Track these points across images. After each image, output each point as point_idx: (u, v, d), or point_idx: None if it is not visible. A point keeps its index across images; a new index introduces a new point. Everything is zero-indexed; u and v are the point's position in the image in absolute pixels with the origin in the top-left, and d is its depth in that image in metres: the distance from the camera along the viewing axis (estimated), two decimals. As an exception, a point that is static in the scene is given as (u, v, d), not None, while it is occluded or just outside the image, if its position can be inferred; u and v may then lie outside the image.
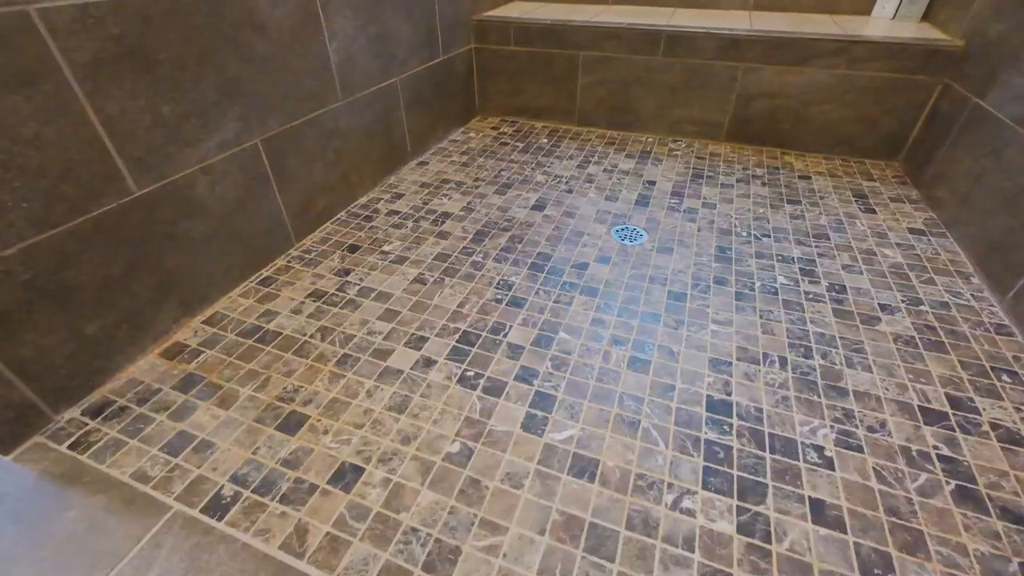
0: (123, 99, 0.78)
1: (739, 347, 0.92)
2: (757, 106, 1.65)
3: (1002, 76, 1.16)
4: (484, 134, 1.87)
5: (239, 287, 1.08)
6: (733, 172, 1.56)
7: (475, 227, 1.29)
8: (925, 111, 1.48)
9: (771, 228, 1.28)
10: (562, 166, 1.62)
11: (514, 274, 1.12)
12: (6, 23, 0.63)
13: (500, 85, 1.94)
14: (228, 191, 1.00)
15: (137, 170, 0.82)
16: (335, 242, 1.23)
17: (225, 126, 0.96)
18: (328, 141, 1.24)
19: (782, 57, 1.54)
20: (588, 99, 1.85)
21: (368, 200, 1.42)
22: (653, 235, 1.26)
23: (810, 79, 1.55)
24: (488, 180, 1.52)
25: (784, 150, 1.70)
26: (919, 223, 1.29)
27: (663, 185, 1.49)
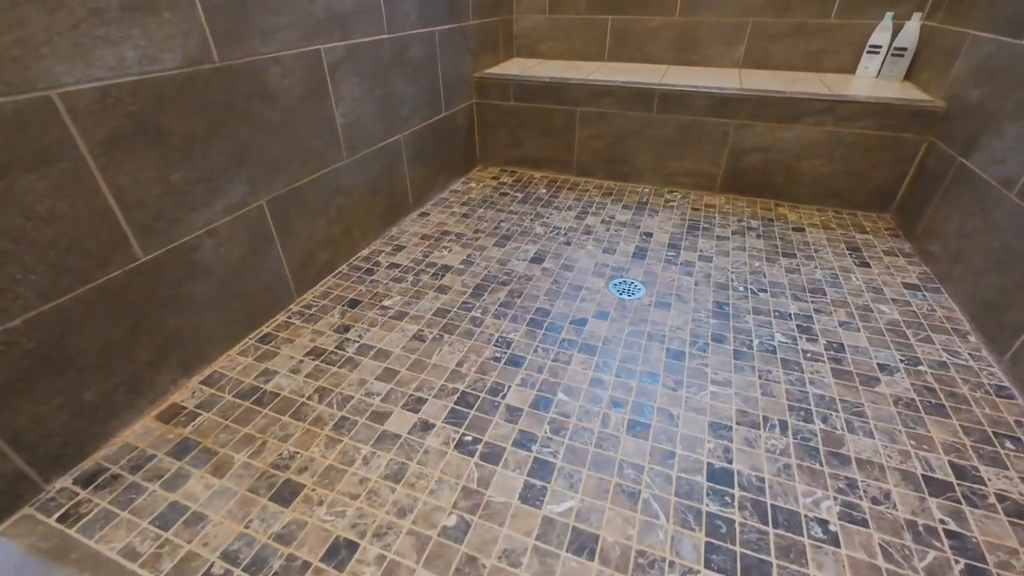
0: (135, 171, 0.81)
1: (739, 410, 0.91)
2: (750, 160, 1.70)
3: (984, 139, 1.21)
4: (484, 184, 1.92)
5: (239, 345, 1.08)
6: (728, 224, 1.59)
7: (475, 281, 1.31)
8: (912, 167, 1.53)
9: (767, 282, 1.29)
10: (560, 217, 1.65)
11: (513, 330, 1.12)
12: (30, 107, 0.66)
13: (500, 137, 2.00)
14: (232, 252, 1.02)
15: (144, 236, 0.84)
16: (336, 296, 1.25)
17: (232, 190, 0.99)
18: (332, 198, 1.28)
19: (772, 114, 1.60)
20: (585, 151, 1.91)
21: (369, 252, 1.44)
22: (651, 289, 1.28)
23: (800, 135, 1.61)
24: (488, 232, 1.55)
25: (778, 201, 1.74)
26: (913, 278, 1.30)
27: (660, 237, 1.52)
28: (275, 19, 1.01)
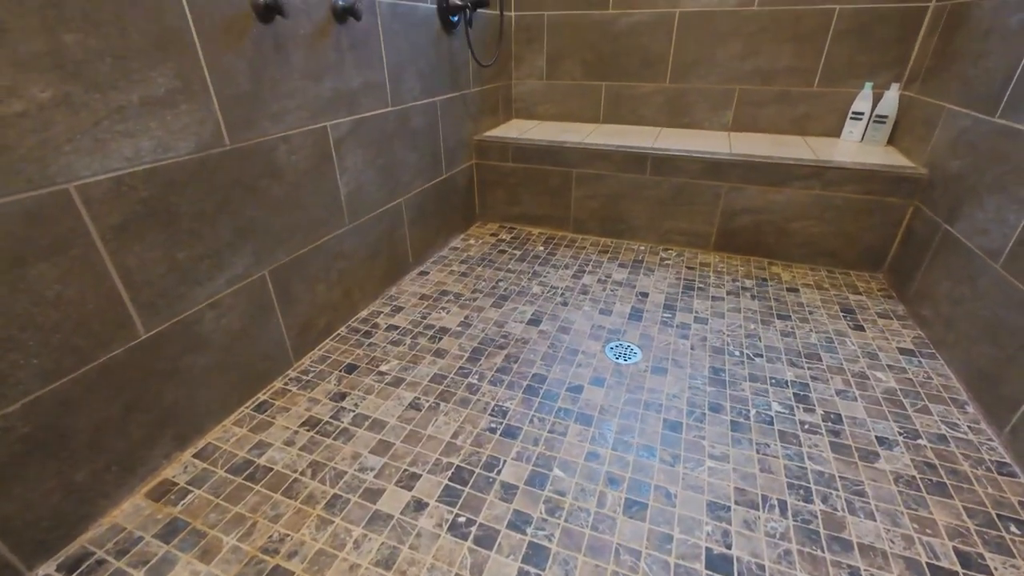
0: (143, 252, 0.84)
1: (737, 488, 0.90)
2: (742, 220, 1.75)
3: (966, 208, 1.24)
4: (483, 241, 1.96)
5: (234, 414, 1.08)
6: (723, 284, 1.62)
7: (472, 344, 1.32)
8: (900, 230, 1.57)
9: (763, 347, 1.30)
10: (557, 276, 1.68)
11: (509, 398, 1.12)
12: (48, 201, 0.70)
13: (499, 195, 2.06)
14: (233, 322, 1.03)
15: (147, 314, 0.86)
16: (333, 361, 1.25)
17: (236, 263, 1.02)
18: (333, 263, 1.31)
19: (761, 178, 1.66)
20: (582, 210, 1.96)
21: (368, 314, 1.46)
22: (647, 353, 1.28)
23: (789, 198, 1.66)
24: (485, 292, 1.57)
25: (771, 260, 1.77)
26: (908, 342, 1.31)
27: (655, 297, 1.54)
28: (285, 102, 1.07)
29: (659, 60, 2.01)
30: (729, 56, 1.91)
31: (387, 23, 1.34)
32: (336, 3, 1.15)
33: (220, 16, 0.89)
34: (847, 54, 1.78)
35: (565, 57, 2.14)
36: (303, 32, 1.08)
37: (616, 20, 1.99)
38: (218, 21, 0.89)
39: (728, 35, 1.88)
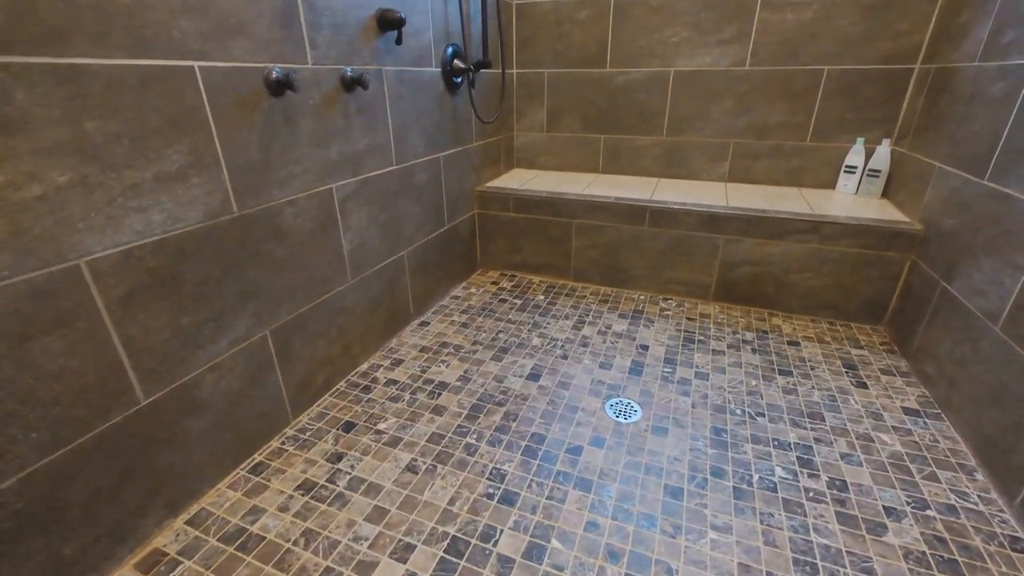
0: (147, 320, 0.85)
1: (740, 563, 0.87)
2: (741, 271, 1.76)
3: (963, 267, 1.25)
4: (484, 290, 1.98)
5: (229, 476, 1.07)
6: (723, 336, 1.61)
7: (471, 400, 1.31)
8: (899, 285, 1.57)
9: (765, 405, 1.28)
10: (558, 327, 1.68)
11: (507, 460, 1.11)
12: (58, 277, 0.72)
13: (500, 244, 2.10)
14: (232, 384, 1.04)
15: (147, 380, 0.87)
16: (331, 418, 1.25)
17: (238, 325, 1.03)
18: (334, 318, 1.32)
19: (758, 231, 1.69)
20: (582, 259, 1.98)
21: (368, 367, 1.46)
22: (647, 411, 1.27)
23: (787, 251, 1.67)
24: (486, 344, 1.58)
25: (771, 311, 1.77)
26: (913, 401, 1.29)
27: (656, 350, 1.54)
28: (292, 168, 1.11)
29: (655, 115, 2.08)
30: (723, 112, 1.98)
31: (393, 88, 1.40)
32: (345, 74, 1.21)
33: (234, 94, 0.94)
34: (838, 111, 1.84)
35: (565, 111, 2.22)
36: (312, 103, 1.13)
37: (613, 78, 2.08)
38: (232, 99, 0.94)
39: (722, 93, 1.95)
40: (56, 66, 0.68)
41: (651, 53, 1.99)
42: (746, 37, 1.85)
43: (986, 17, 1.33)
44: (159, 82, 0.81)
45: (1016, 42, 1.18)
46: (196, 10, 0.85)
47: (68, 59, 0.69)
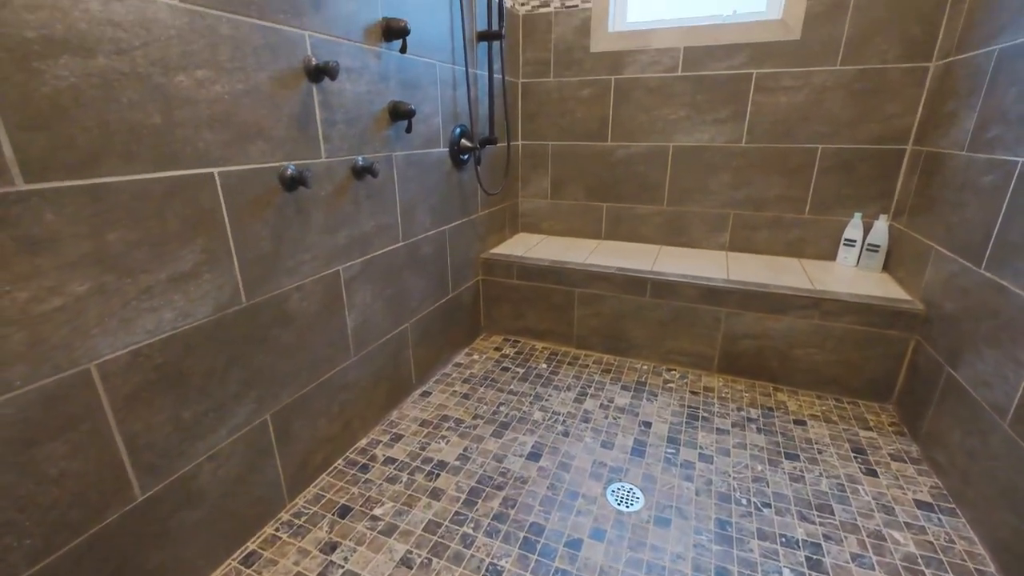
0: (150, 416, 0.87)
1: None
2: (744, 344, 1.76)
3: (967, 355, 1.24)
4: (487, 356, 1.99)
5: (220, 568, 1.04)
6: (728, 413, 1.59)
7: (469, 483, 1.29)
8: (904, 364, 1.56)
9: (771, 494, 1.25)
10: (560, 400, 1.67)
11: (504, 555, 1.07)
12: (68, 382, 0.74)
13: (504, 309, 2.12)
14: (230, 471, 1.04)
15: (146, 476, 0.87)
16: (327, 501, 1.23)
17: (239, 412, 1.04)
18: (336, 396, 1.33)
19: (760, 306, 1.69)
20: (584, 327, 1.99)
21: (367, 443, 1.45)
22: (650, 498, 1.24)
23: (789, 326, 1.67)
24: (486, 418, 1.57)
25: (776, 385, 1.75)
26: (926, 493, 1.25)
27: (659, 428, 1.51)
28: (302, 256, 1.15)
29: (656, 186, 2.14)
30: (722, 185, 2.04)
31: (402, 170, 1.47)
32: (357, 163, 1.28)
33: (250, 193, 1.00)
34: (834, 186, 1.88)
35: (568, 180, 2.29)
36: (324, 193, 1.19)
37: (614, 151, 2.16)
38: (247, 197, 0.99)
39: (720, 167, 2.02)
40: (86, 186, 0.74)
41: (650, 129, 2.08)
42: (741, 117, 1.93)
43: (971, 111, 1.38)
44: (180, 190, 0.87)
45: (1000, 138, 1.23)
46: (220, 122, 0.92)
47: (98, 179, 0.75)
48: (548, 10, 2.09)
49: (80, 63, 0.71)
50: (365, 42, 1.25)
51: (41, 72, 0.67)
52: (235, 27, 0.92)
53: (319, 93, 1.13)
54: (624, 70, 2.04)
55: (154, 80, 0.80)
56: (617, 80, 2.07)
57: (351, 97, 1.23)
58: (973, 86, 1.38)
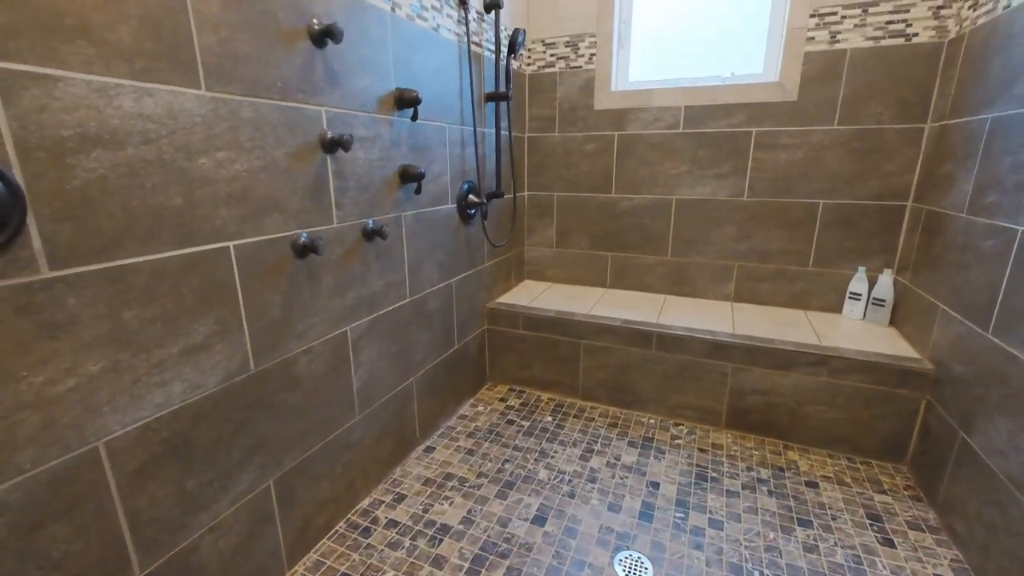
0: (155, 490, 0.87)
1: None
2: (752, 400, 1.74)
3: (979, 422, 1.22)
4: (492, 408, 1.97)
5: (216, 644, 1.02)
6: (738, 473, 1.56)
7: (472, 549, 1.26)
8: (917, 424, 1.53)
9: (784, 566, 1.20)
10: (565, 456, 1.64)
11: (508, 633, 1.04)
12: (76, 461, 0.75)
13: (510, 359, 2.12)
14: (231, 540, 1.02)
15: (146, 552, 0.86)
16: (328, 569, 1.20)
17: (242, 480, 1.04)
18: (339, 457, 1.32)
19: (766, 362, 1.68)
20: (590, 378, 1.98)
21: (370, 504, 1.43)
22: (659, 568, 1.20)
23: (797, 382, 1.66)
24: (491, 477, 1.54)
25: (786, 443, 1.72)
26: (946, 567, 1.20)
27: (667, 489, 1.48)
28: (311, 319, 1.17)
29: (660, 237, 2.17)
30: (725, 237, 2.06)
31: (410, 229, 1.51)
32: (367, 226, 1.31)
33: (263, 263, 1.03)
34: (837, 240, 1.90)
35: (573, 230, 2.33)
36: (334, 257, 1.22)
37: (619, 203, 2.21)
38: (260, 267, 1.02)
39: (722, 220, 2.05)
40: (108, 269, 0.76)
41: (653, 182, 2.13)
42: (742, 172, 1.97)
43: (968, 174, 1.41)
44: (196, 266, 0.89)
45: (999, 205, 1.25)
46: (237, 198, 0.96)
47: (119, 261, 0.78)
48: (553, 70, 2.19)
49: (110, 155, 0.75)
50: (378, 112, 1.31)
51: (73, 167, 0.71)
52: (256, 109, 0.97)
53: (333, 163, 1.18)
54: (627, 126, 2.11)
55: (178, 165, 0.84)
56: (620, 136, 2.13)
57: (363, 165, 1.27)
58: (969, 150, 1.42)
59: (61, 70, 0.69)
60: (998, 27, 1.33)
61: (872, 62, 1.72)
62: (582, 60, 2.13)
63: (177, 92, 0.83)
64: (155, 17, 0.79)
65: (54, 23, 0.68)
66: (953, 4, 1.60)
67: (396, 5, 1.32)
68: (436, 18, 1.51)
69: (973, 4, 1.49)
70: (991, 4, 1.38)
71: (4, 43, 0.63)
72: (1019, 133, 1.20)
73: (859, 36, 1.72)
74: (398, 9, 1.33)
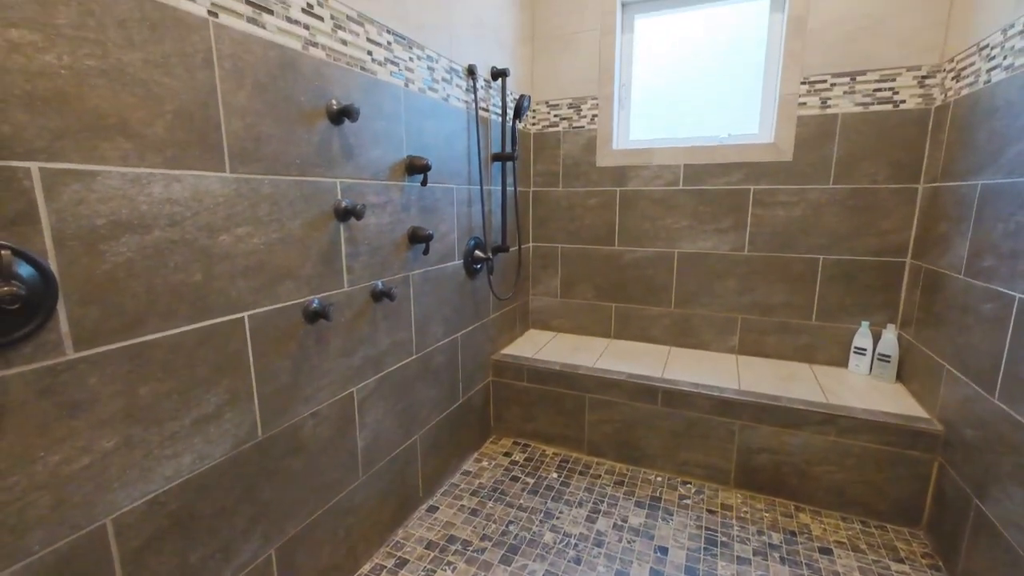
0: (157, 566, 0.86)
1: None
2: (761, 459, 1.71)
3: (993, 491, 1.20)
4: (496, 463, 1.94)
5: None
6: (748, 538, 1.51)
7: (476, 622, 1.22)
8: (930, 487, 1.50)
9: (800, 644, 1.16)
10: (571, 517, 1.61)
11: None
12: (83, 540, 0.75)
13: (514, 411, 2.11)
14: (229, 616, 1.00)
15: (145, 631, 0.85)
16: (326, 643, 1.16)
17: (244, 550, 1.03)
18: (341, 521, 1.30)
19: (774, 419, 1.67)
20: (596, 433, 1.96)
21: (371, 569, 1.39)
22: (669, 646, 1.15)
23: (806, 442, 1.64)
24: (495, 540, 1.51)
25: (798, 504, 1.67)
26: (970, 647, 1.15)
27: (675, 556, 1.44)
28: (319, 382, 1.19)
29: (663, 288, 2.20)
30: (727, 290, 2.09)
31: (418, 287, 1.55)
32: (376, 287, 1.35)
33: (275, 331, 1.06)
34: (838, 295, 1.92)
35: (578, 280, 2.37)
36: (343, 320, 1.25)
37: (622, 255, 2.25)
38: (272, 335, 1.05)
39: (724, 273, 2.08)
40: (128, 347, 0.79)
41: (655, 236, 2.18)
42: (742, 228, 2.02)
43: (963, 237, 1.44)
44: (211, 338, 0.92)
45: (995, 270, 1.27)
46: (254, 270, 1.00)
47: (140, 339, 0.81)
48: (557, 129, 2.28)
49: (137, 239, 0.79)
50: (390, 179, 1.37)
51: (103, 252, 0.75)
52: (275, 186, 1.03)
53: (345, 230, 1.23)
54: (629, 183, 2.18)
55: (200, 243, 0.89)
56: (622, 191, 2.20)
57: (374, 229, 1.32)
58: (962, 213, 1.45)
59: (100, 165, 0.74)
60: (981, 99, 1.40)
61: (863, 126, 1.79)
62: (584, 120, 2.22)
63: (203, 176, 0.89)
64: (188, 110, 0.85)
65: (97, 123, 0.73)
66: (937, 75, 1.68)
67: (410, 81, 1.41)
68: (446, 89, 1.60)
69: (956, 76, 1.56)
70: (972, 77, 1.46)
71: (52, 145, 0.69)
72: (1009, 202, 1.24)
73: (849, 102, 1.80)
74: (411, 84, 1.42)
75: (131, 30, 0.76)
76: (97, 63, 0.73)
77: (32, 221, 0.68)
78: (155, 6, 0.79)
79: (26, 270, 0.67)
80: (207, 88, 0.88)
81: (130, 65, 0.76)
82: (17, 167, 0.66)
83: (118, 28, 0.75)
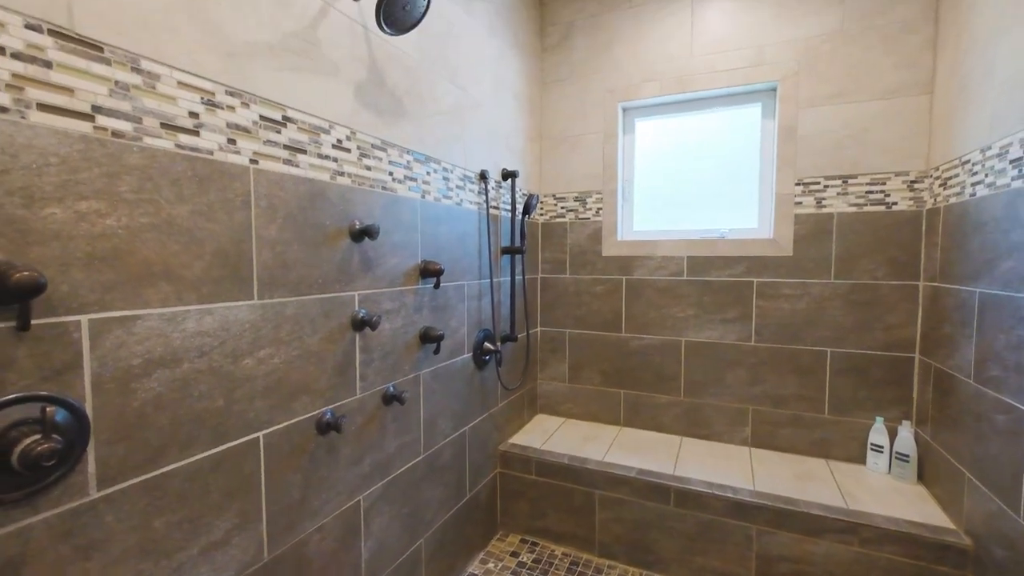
0: None
1: None
2: (782, 569, 1.62)
3: (1033, 623, 1.13)
4: (503, 564, 1.86)
5: None
6: (773, 664, 1.41)
7: None
8: (967, 612, 1.41)
9: None
10: (582, 634, 1.52)
11: None
12: None
13: (522, 507, 2.05)
14: None
15: None
16: None
17: None
18: (341, 642, 1.24)
19: (793, 525, 1.60)
20: (607, 532, 1.89)
21: None
22: None
23: (828, 551, 1.56)
24: (502, 661, 1.42)
25: (825, 622, 1.57)
26: None
27: None
28: (327, 494, 1.18)
29: (672, 377, 2.20)
30: (737, 380, 2.08)
31: (428, 386, 1.57)
32: (388, 391, 1.37)
33: (288, 447, 1.07)
34: (850, 389, 1.90)
35: (585, 366, 2.38)
36: (354, 427, 1.27)
37: (629, 341, 2.27)
38: (285, 451, 1.07)
39: (733, 363, 2.08)
40: (147, 480, 0.82)
41: (662, 324, 2.21)
42: (748, 319, 2.05)
43: (968, 340, 1.45)
44: (226, 461, 0.94)
45: (1004, 381, 1.27)
46: (272, 389, 1.03)
47: (159, 470, 0.83)
48: (564, 220, 2.40)
49: (168, 373, 0.84)
50: (404, 284, 1.44)
51: (136, 390, 0.80)
52: (299, 306, 1.09)
53: (360, 339, 1.27)
54: (634, 272, 2.25)
55: (224, 370, 0.93)
56: (628, 280, 2.26)
57: (388, 334, 1.37)
58: (964, 318, 1.48)
59: (143, 309, 0.80)
60: (969, 211, 1.47)
61: (858, 225, 1.87)
62: (590, 212, 2.34)
63: (233, 307, 0.95)
64: (225, 249, 0.93)
65: (145, 272, 0.81)
66: (925, 180, 1.77)
67: (426, 192, 1.52)
68: (460, 195, 1.71)
69: (943, 183, 1.65)
70: (959, 188, 1.54)
71: (103, 298, 0.75)
72: (1009, 315, 1.26)
73: (843, 202, 1.89)
74: (427, 195, 1.53)
75: (182, 187, 0.85)
76: (150, 220, 0.81)
77: (76, 368, 0.73)
78: (205, 163, 0.89)
79: (62, 415, 0.71)
80: (244, 226, 0.96)
81: (178, 217, 0.85)
82: (69, 322, 0.72)
83: (171, 187, 0.84)
